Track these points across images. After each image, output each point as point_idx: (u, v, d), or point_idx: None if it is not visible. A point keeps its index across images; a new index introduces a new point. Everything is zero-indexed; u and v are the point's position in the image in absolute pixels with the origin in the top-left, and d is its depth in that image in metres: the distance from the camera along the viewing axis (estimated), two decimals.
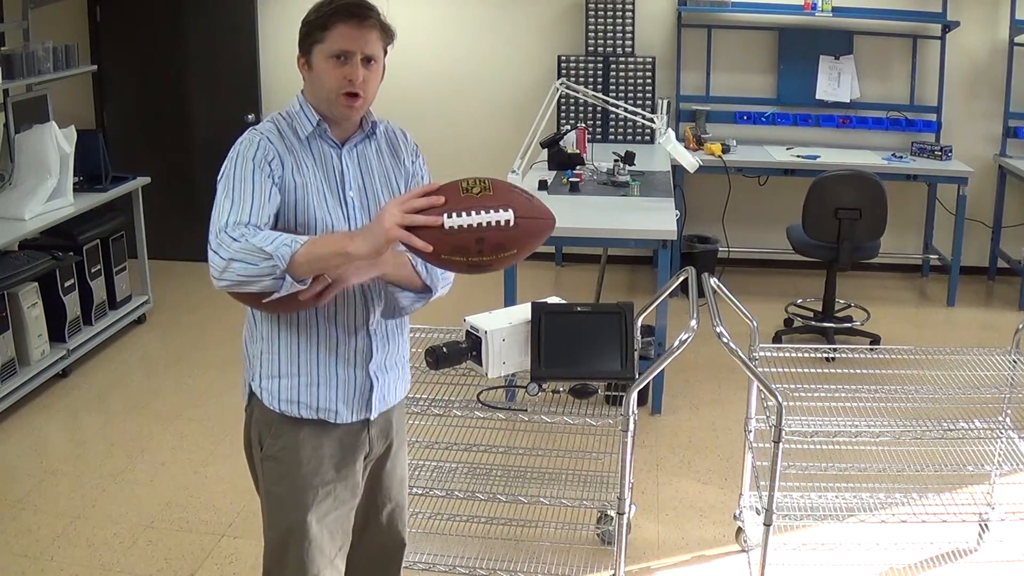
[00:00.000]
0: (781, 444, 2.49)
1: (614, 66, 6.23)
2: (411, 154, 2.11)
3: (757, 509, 3.05)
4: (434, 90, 6.48)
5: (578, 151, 5.23)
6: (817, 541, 3.08)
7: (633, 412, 2.50)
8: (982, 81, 6.21)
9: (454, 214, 1.69)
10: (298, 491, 2.00)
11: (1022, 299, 5.87)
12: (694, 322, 2.50)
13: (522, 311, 2.46)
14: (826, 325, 5.19)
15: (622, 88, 6.22)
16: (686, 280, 2.85)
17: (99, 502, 3.53)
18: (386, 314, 2.02)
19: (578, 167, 5.01)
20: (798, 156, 5.95)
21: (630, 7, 6.18)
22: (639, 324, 2.80)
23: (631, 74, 6.23)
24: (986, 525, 3.18)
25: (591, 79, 6.23)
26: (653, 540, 3.33)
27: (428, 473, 3.00)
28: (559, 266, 6.62)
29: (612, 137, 6.33)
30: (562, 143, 5.05)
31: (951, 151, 5.97)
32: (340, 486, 2.04)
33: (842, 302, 5.50)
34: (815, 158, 5.90)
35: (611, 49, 6.23)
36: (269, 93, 6.42)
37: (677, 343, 2.49)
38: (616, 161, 5.09)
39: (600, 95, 5.11)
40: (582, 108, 6.26)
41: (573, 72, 6.24)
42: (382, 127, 2.08)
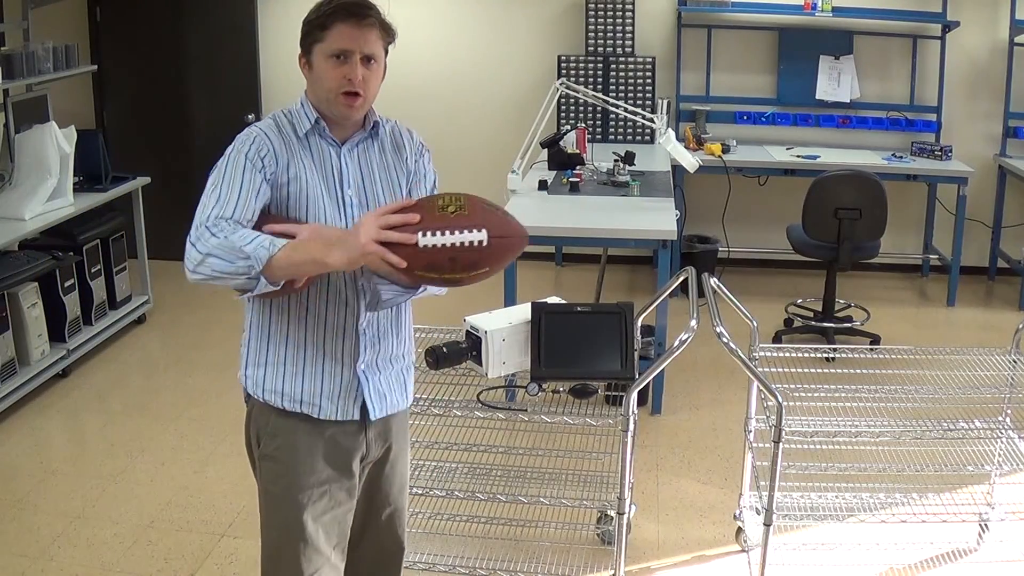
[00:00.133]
0: (781, 444, 2.49)
1: (614, 66, 6.23)
2: (415, 152, 2.09)
3: (757, 509, 3.05)
4: (434, 90, 6.48)
5: (578, 151, 5.24)
6: (817, 541, 3.08)
7: (633, 412, 2.50)
8: (982, 81, 6.21)
9: (428, 233, 1.72)
10: (294, 490, 2.00)
11: (1022, 299, 5.88)
12: (694, 322, 2.50)
13: (522, 311, 2.46)
14: (826, 325, 5.19)
15: (622, 88, 6.22)
16: (686, 280, 2.85)
17: (99, 502, 3.53)
18: (370, 306, 2.00)
19: (578, 167, 5.01)
20: (798, 156, 5.95)
21: (630, 7, 6.18)
22: (639, 324, 2.80)
23: (631, 74, 6.23)
24: (986, 525, 3.18)
25: (591, 79, 6.23)
26: (653, 540, 3.33)
27: (428, 473, 3.00)
28: (559, 266, 6.62)
29: (612, 137, 6.33)
30: (562, 143, 5.06)
31: (951, 151, 5.97)
32: (336, 486, 2.03)
33: (842, 302, 5.50)
34: (815, 158, 5.90)
35: (611, 49, 6.23)
36: (269, 93, 6.42)
37: (677, 343, 2.49)
38: (616, 161, 5.09)
39: (600, 95, 5.11)
40: (582, 108, 6.26)
41: (573, 72, 6.24)
42: (388, 127, 2.08)
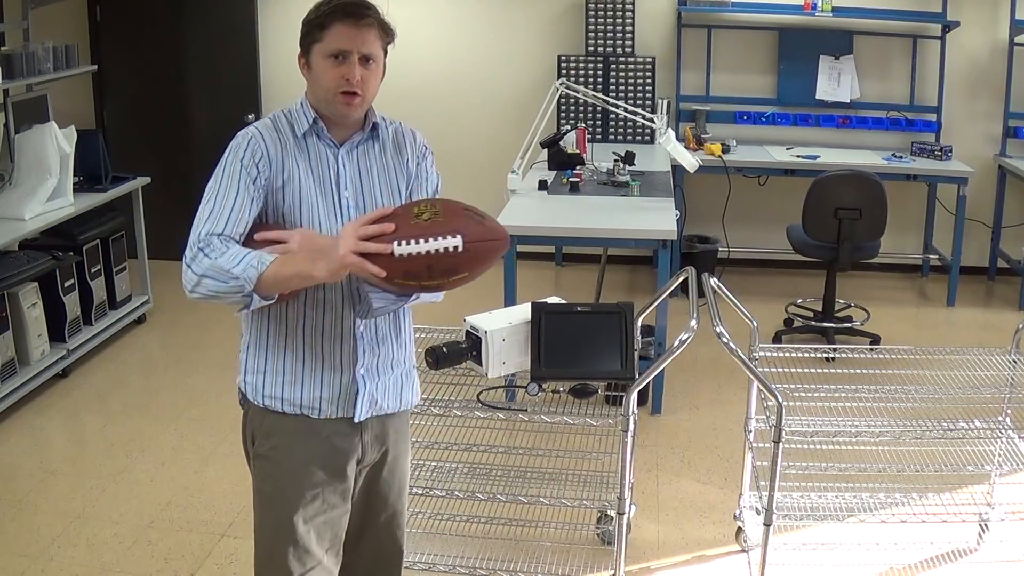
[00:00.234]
0: (781, 444, 2.49)
1: (614, 66, 6.23)
2: (417, 156, 2.08)
3: (757, 509, 3.05)
4: (434, 90, 6.48)
5: (578, 151, 5.24)
6: (817, 541, 3.08)
7: (633, 412, 2.50)
8: (982, 81, 6.21)
9: (404, 241, 1.73)
10: (286, 490, 2.01)
11: (1022, 299, 5.88)
12: (694, 322, 2.50)
13: (522, 311, 2.46)
14: (826, 325, 5.19)
15: (622, 88, 6.22)
16: (686, 280, 2.85)
17: (99, 502, 3.53)
18: (361, 313, 2.00)
19: (578, 167, 5.01)
20: (798, 156, 5.95)
21: (630, 7, 6.18)
22: (639, 324, 2.80)
23: (631, 74, 6.23)
24: (986, 525, 3.18)
25: (591, 79, 6.23)
26: (653, 540, 3.33)
27: (428, 473, 3.00)
28: (559, 266, 6.62)
29: (612, 137, 6.33)
30: (562, 143, 5.06)
31: (951, 151, 5.97)
32: (329, 489, 2.03)
33: (842, 302, 5.50)
34: (815, 158, 5.90)
35: (611, 49, 6.23)
36: (269, 93, 6.42)
37: (677, 343, 2.48)
38: (616, 161, 5.09)
39: (600, 95, 5.11)
40: (582, 108, 6.26)
41: (573, 72, 6.24)
42: (392, 128, 2.07)
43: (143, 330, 5.39)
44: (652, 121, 4.86)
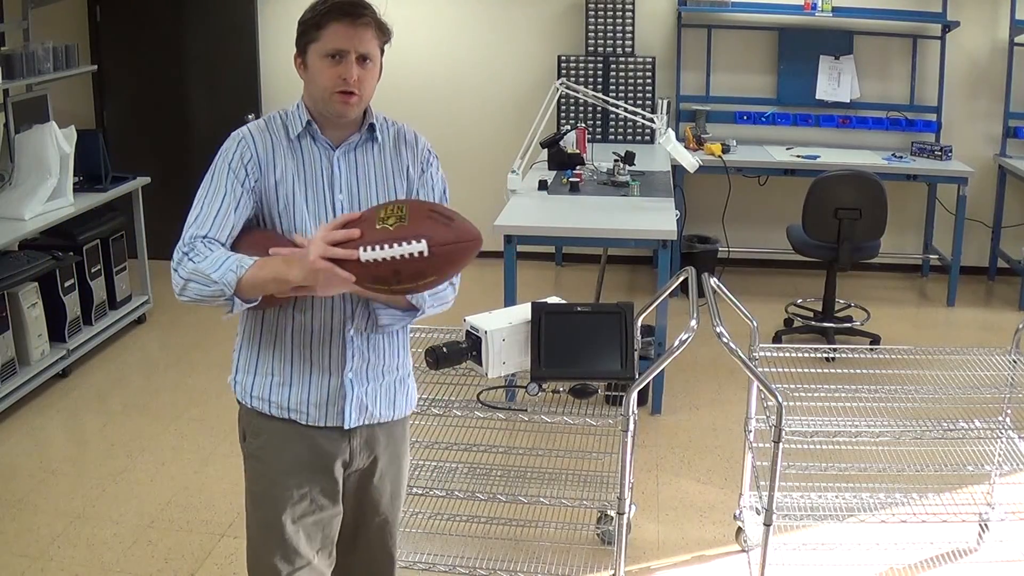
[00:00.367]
0: (781, 444, 2.49)
1: (614, 66, 6.23)
2: (421, 162, 2.06)
3: (757, 509, 3.05)
4: (434, 90, 6.48)
5: (578, 151, 5.24)
6: (817, 541, 3.08)
7: (633, 412, 2.50)
8: (982, 81, 6.21)
9: (369, 247, 1.72)
10: (274, 489, 2.01)
11: (1022, 299, 5.87)
12: (694, 322, 2.50)
13: (522, 311, 2.46)
14: (826, 325, 5.19)
15: (622, 88, 6.22)
16: (686, 280, 2.85)
17: (99, 502, 3.53)
18: (369, 329, 2.00)
19: (578, 167, 5.01)
20: (798, 156, 5.95)
21: (630, 7, 6.18)
22: (639, 324, 2.80)
23: (631, 74, 6.23)
24: (986, 525, 3.18)
25: (591, 79, 6.23)
26: (653, 540, 3.33)
27: (428, 473, 3.00)
28: (559, 266, 6.62)
29: (612, 137, 6.33)
30: (562, 143, 5.06)
31: (951, 151, 5.97)
32: (317, 491, 2.03)
33: (842, 302, 5.50)
34: (815, 158, 5.90)
35: (611, 49, 6.23)
36: (269, 93, 6.42)
37: (677, 343, 2.48)
38: (616, 161, 5.09)
39: (600, 95, 5.11)
40: (582, 108, 6.26)
41: (573, 72, 6.24)
42: (393, 129, 2.05)
43: (143, 330, 5.39)
44: (652, 121, 4.86)
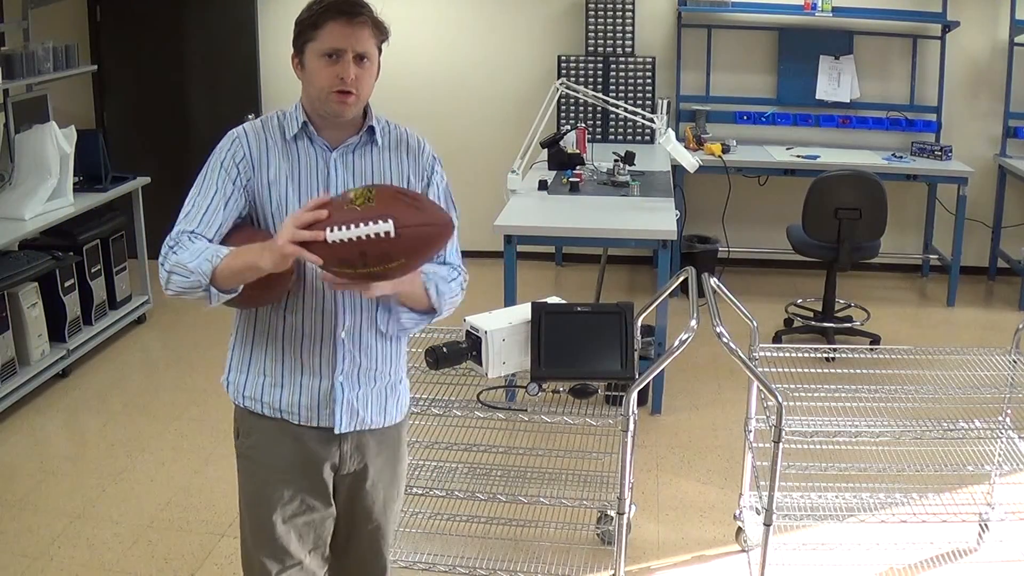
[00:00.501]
0: (781, 444, 2.49)
1: (614, 66, 6.23)
2: (424, 169, 2.04)
3: (757, 509, 3.05)
4: (434, 90, 6.48)
5: (578, 151, 5.24)
6: (817, 541, 3.08)
7: (633, 412, 2.50)
8: (982, 81, 6.21)
9: (335, 228, 1.71)
10: (265, 489, 2.01)
11: (1022, 299, 5.87)
12: (694, 322, 2.50)
13: (522, 311, 2.46)
14: (826, 325, 5.19)
15: (622, 88, 6.22)
16: (686, 280, 2.85)
17: (99, 502, 3.53)
18: (390, 330, 2.01)
19: (578, 167, 5.01)
20: (798, 156, 5.95)
21: (630, 7, 6.18)
22: (639, 324, 2.80)
23: (631, 74, 6.23)
24: (986, 525, 3.18)
25: (591, 79, 6.23)
26: (653, 540, 3.33)
27: (428, 473, 3.00)
28: (559, 266, 6.62)
29: (612, 137, 6.33)
30: (562, 143, 5.06)
31: (951, 151, 5.97)
32: (306, 491, 2.03)
33: (842, 302, 5.50)
34: (815, 158, 5.90)
35: (611, 49, 6.23)
36: (269, 93, 6.42)
37: (677, 343, 2.49)
38: (616, 161, 5.09)
39: (600, 95, 5.11)
40: (582, 108, 6.26)
41: (573, 72, 6.24)
42: (395, 132, 2.04)
43: (143, 330, 5.39)
44: (652, 121, 4.86)
